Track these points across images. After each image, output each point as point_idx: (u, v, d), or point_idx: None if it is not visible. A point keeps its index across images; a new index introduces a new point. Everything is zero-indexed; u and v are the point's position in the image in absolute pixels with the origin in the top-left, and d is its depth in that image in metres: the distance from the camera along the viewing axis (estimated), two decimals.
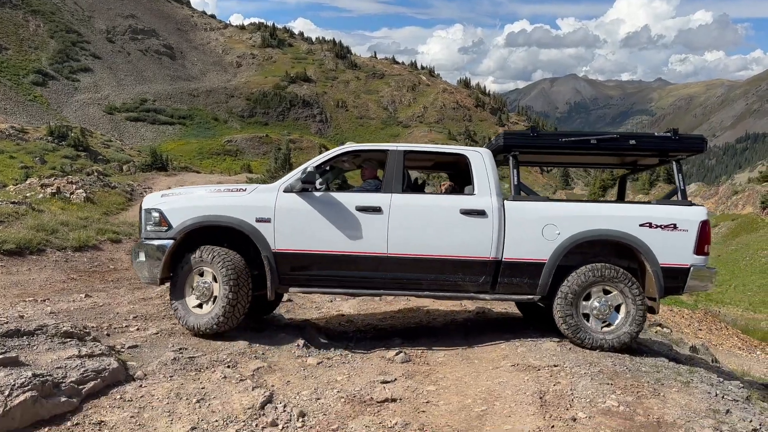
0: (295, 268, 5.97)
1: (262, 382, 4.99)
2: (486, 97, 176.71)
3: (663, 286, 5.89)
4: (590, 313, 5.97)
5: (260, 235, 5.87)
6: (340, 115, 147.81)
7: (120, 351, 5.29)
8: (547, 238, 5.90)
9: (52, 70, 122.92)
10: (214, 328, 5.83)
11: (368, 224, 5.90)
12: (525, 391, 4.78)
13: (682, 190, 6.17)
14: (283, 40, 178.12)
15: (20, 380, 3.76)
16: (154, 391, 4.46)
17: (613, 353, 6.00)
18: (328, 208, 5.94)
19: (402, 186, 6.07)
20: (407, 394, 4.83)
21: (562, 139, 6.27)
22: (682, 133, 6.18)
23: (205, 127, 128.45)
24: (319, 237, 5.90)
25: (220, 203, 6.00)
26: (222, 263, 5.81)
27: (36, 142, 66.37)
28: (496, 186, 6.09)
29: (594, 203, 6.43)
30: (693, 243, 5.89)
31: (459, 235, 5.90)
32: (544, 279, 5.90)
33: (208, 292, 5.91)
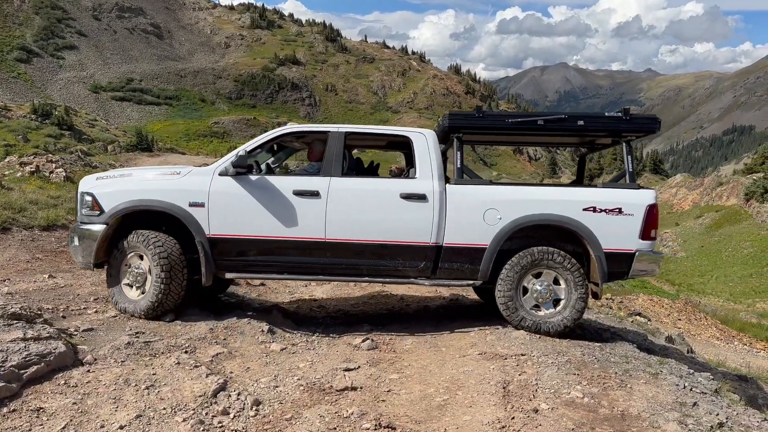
0: (230, 254, 5.85)
1: (219, 368, 4.82)
2: (476, 84, 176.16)
3: (606, 272, 5.81)
4: (531, 297, 5.90)
5: (194, 220, 5.76)
6: (329, 99, 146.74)
7: (73, 334, 5.10)
8: (489, 222, 5.81)
9: (36, 47, 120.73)
10: (149, 314, 5.75)
11: (305, 209, 5.80)
12: (489, 381, 4.66)
13: (631, 173, 6.04)
14: (273, 22, 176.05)
15: None
16: (102, 377, 4.28)
17: (583, 342, 5.91)
18: (265, 192, 5.82)
19: (342, 169, 5.94)
20: (369, 382, 4.70)
21: (509, 120, 6.14)
22: (634, 113, 6.07)
23: (192, 108, 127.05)
24: (255, 222, 5.79)
25: (152, 187, 5.88)
26: (154, 248, 5.71)
27: (19, 120, 65.20)
28: (439, 169, 5.96)
29: (538, 187, 6.28)
30: (639, 228, 5.80)
31: (399, 220, 5.79)
32: (485, 264, 5.82)
33: (141, 277, 5.82)
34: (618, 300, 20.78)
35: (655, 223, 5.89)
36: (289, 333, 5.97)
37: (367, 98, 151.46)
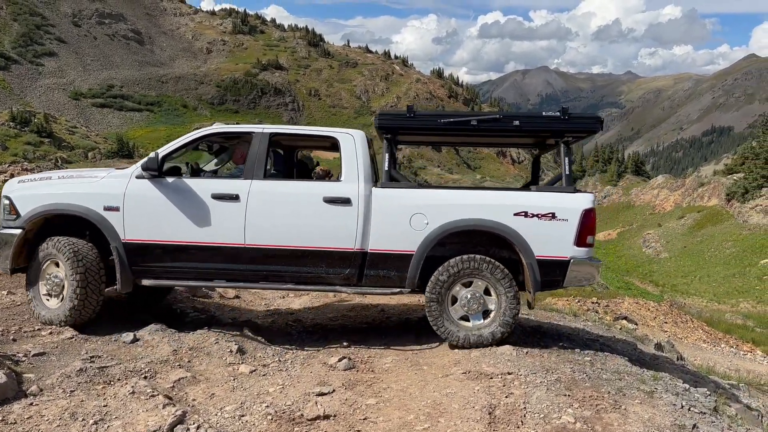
0: (147, 260, 5.60)
1: (180, 396, 4.43)
2: (459, 88, 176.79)
3: (539, 280, 5.46)
4: (460, 308, 5.55)
5: (108, 225, 5.54)
6: (312, 104, 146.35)
7: (20, 360, 4.67)
8: (415, 228, 5.48)
9: (15, 54, 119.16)
10: (68, 321, 5.55)
11: (224, 213, 5.53)
12: (474, 405, 4.31)
13: (567, 176, 5.65)
14: (255, 27, 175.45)
15: None
16: (46, 411, 3.87)
17: (573, 357, 5.59)
18: (183, 195, 5.57)
19: (264, 172, 5.66)
20: (343, 409, 4.32)
21: (441, 120, 5.81)
22: (574, 112, 5.70)
23: (174, 114, 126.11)
24: (173, 227, 5.55)
25: (68, 191, 5.68)
26: (68, 254, 5.49)
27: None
28: (366, 171, 5.64)
29: (469, 190, 5.88)
30: (573, 234, 5.44)
31: (322, 225, 5.52)
32: (411, 271, 5.48)
33: (59, 285, 5.62)
34: (604, 303, 20.58)
35: (591, 229, 5.53)
36: (260, 352, 5.57)
37: (350, 103, 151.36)
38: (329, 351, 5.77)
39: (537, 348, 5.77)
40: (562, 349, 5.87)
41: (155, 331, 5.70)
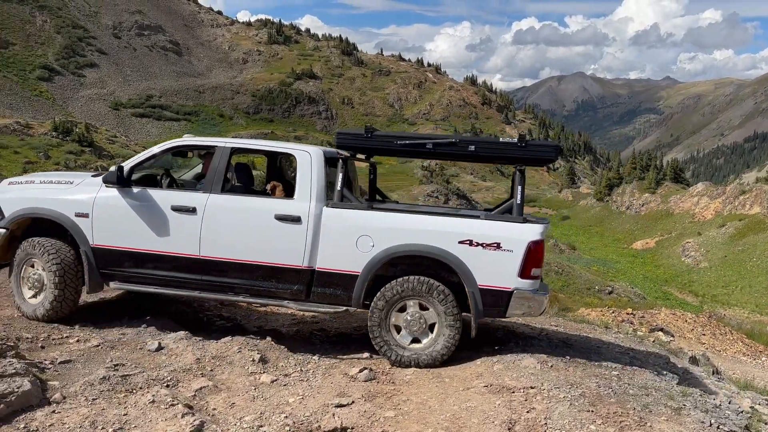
0: (113, 265, 5.91)
1: (201, 405, 4.46)
2: (492, 95, 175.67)
3: (481, 309, 5.43)
4: (402, 328, 5.56)
5: (79, 230, 5.88)
6: (345, 112, 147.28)
7: (46, 368, 4.77)
8: (361, 249, 5.53)
9: (58, 66, 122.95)
10: (48, 316, 5.92)
11: (182, 225, 5.76)
12: (494, 420, 4.24)
13: (518, 205, 5.56)
14: (290, 37, 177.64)
15: None
16: (67, 419, 3.94)
17: (599, 371, 5.47)
18: (145, 206, 5.84)
19: (222, 185, 5.84)
20: (362, 421, 4.30)
21: (397, 142, 5.88)
22: (534, 141, 5.75)
23: (210, 123, 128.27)
24: (135, 235, 5.82)
25: (46, 195, 6.05)
26: (47, 254, 5.85)
27: (40, 137, 66.12)
28: (319, 190, 5.71)
29: (418, 215, 5.82)
30: (518, 265, 5.35)
31: (272, 241, 5.64)
32: (357, 292, 5.56)
33: (39, 282, 5.95)
34: (639, 314, 20.10)
35: (537, 262, 5.42)
36: (282, 362, 5.59)
37: (383, 111, 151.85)
38: (351, 361, 5.75)
39: (562, 362, 5.66)
40: (588, 363, 5.74)
41: (180, 339, 5.77)
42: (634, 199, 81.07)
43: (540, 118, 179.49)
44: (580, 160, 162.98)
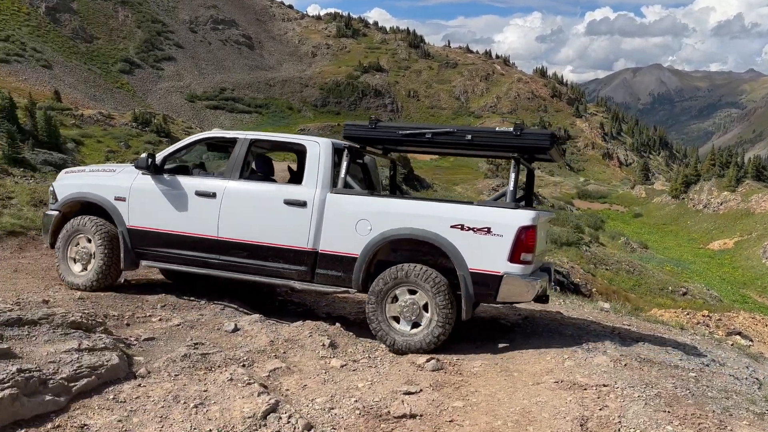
0: (144, 244, 6.48)
1: (275, 385, 4.61)
2: (563, 87, 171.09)
3: (472, 293, 5.55)
4: (398, 313, 5.74)
5: (117, 212, 6.53)
6: (411, 105, 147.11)
7: (132, 344, 5.05)
8: (360, 233, 5.83)
9: (138, 59, 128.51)
10: (94, 285, 6.53)
11: (203, 208, 6.27)
12: (565, 415, 4.18)
13: (511, 191, 5.76)
14: (358, 30, 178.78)
15: (1, 376, 3.52)
16: (152, 392, 4.16)
17: (675, 372, 5.29)
18: (173, 191, 6.41)
19: (240, 173, 6.31)
20: (430, 409, 4.33)
21: (400, 132, 6.13)
22: (530, 129, 5.83)
23: (280, 116, 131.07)
24: (163, 217, 6.40)
25: (91, 182, 6.81)
26: (95, 229, 6.55)
27: (121, 127, 69.47)
28: (324, 178, 6.06)
29: (414, 201, 6.13)
30: (508, 250, 5.46)
31: (281, 224, 6.03)
32: (356, 273, 5.84)
33: (87, 255, 6.63)
34: (716, 317, 19.21)
35: (527, 247, 5.48)
36: (351, 348, 5.70)
37: (449, 103, 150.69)
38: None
39: (636, 361, 5.50)
40: (663, 363, 5.56)
41: (254, 321, 5.98)
42: (713, 197, 77.29)
43: (613, 111, 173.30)
44: (654, 155, 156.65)
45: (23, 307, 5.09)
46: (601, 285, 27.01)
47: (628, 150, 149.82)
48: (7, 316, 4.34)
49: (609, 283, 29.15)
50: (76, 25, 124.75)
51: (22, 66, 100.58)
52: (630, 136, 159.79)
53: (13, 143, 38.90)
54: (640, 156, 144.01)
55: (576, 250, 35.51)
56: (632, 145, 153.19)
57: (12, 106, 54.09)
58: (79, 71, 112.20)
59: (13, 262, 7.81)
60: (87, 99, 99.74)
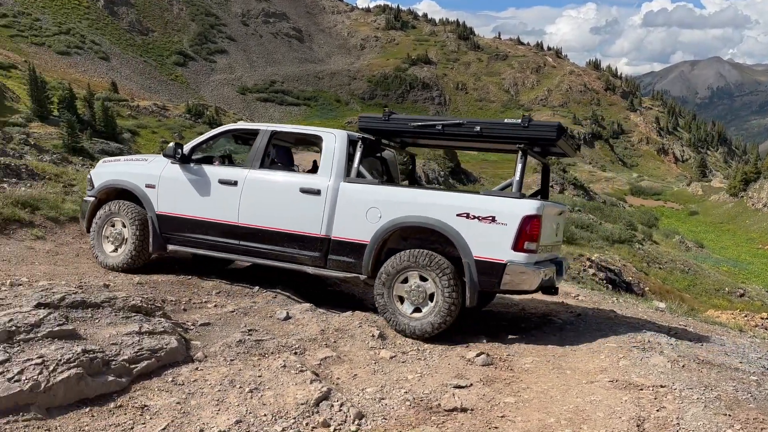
0: (172, 229, 6.79)
1: (326, 373, 4.67)
2: (617, 80, 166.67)
3: (476, 280, 5.64)
4: (404, 297, 5.85)
5: (147, 199, 6.88)
6: (459, 98, 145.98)
7: (189, 329, 5.19)
8: (370, 220, 6.00)
9: (191, 52, 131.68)
10: (127, 266, 6.87)
11: (225, 195, 6.55)
12: (621, 415, 4.09)
13: (518, 182, 5.83)
14: (407, 22, 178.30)
15: (68, 356, 3.68)
16: (209, 376, 4.27)
17: (736, 375, 5.10)
18: (198, 179, 6.72)
19: (261, 163, 6.58)
20: (481, 404, 4.30)
21: (411, 124, 6.33)
22: (537, 121, 5.92)
23: (328, 108, 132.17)
24: (189, 204, 6.70)
25: (125, 170, 7.19)
26: (129, 213, 6.91)
27: (175, 118, 71.47)
28: (339, 168, 6.26)
29: (422, 190, 6.30)
30: (511, 238, 5.54)
31: (296, 211, 6.26)
32: (365, 259, 6.00)
33: (119, 237, 6.98)
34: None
35: (531, 236, 5.57)
36: (400, 339, 5.71)
37: (498, 96, 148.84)
38: (467, 345, 5.76)
39: (694, 362, 5.33)
40: (723, 366, 5.37)
41: (305, 310, 6.06)
42: None
43: (669, 105, 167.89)
44: (712, 151, 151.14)
45: (86, 290, 5.30)
46: (654, 284, 26.27)
47: (685, 146, 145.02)
48: (72, 298, 4.52)
49: (662, 283, 28.32)
50: (133, 18, 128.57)
51: (82, 58, 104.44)
52: (687, 131, 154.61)
53: (73, 133, 40.52)
54: (697, 152, 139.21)
55: (628, 248, 34.59)
56: (689, 141, 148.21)
57: (72, 97, 56.30)
58: (135, 63, 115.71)
59: (75, 247, 8.10)
60: (142, 90, 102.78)
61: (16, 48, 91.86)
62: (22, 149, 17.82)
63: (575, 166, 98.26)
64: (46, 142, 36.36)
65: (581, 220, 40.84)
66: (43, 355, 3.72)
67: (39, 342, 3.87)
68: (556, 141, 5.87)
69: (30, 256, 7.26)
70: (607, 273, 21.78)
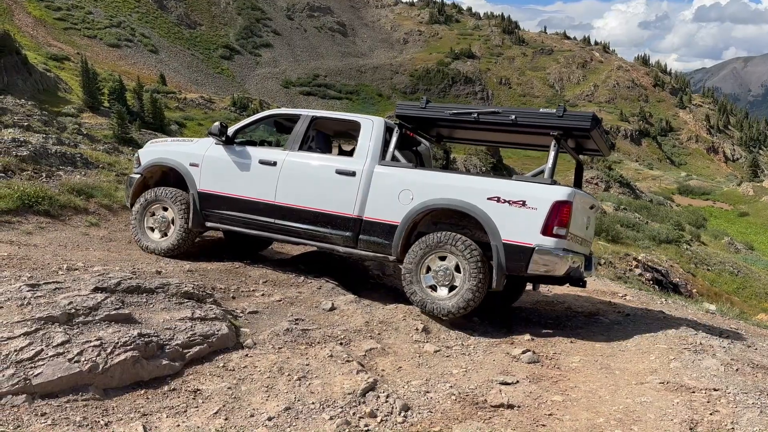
0: (211, 206, 6.98)
1: (371, 365, 4.70)
2: (666, 76, 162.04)
3: (503, 263, 5.67)
4: (432, 278, 5.94)
5: (191, 177, 7.10)
6: (502, 93, 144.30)
7: (238, 316, 5.29)
8: (402, 202, 6.11)
9: (237, 45, 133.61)
10: (174, 250, 7.09)
11: (265, 175, 6.74)
12: (672, 417, 4.00)
13: (550, 168, 5.91)
14: (451, 16, 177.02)
15: (124, 339, 3.80)
16: (258, 363, 4.34)
17: None
18: (240, 159, 6.94)
19: (300, 145, 6.80)
20: (528, 401, 4.26)
21: (448, 111, 6.43)
22: (572, 111, 6.00)
23: (369, 102, 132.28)
24: (229, 182, 6.90)
25: (171, 149, 7.43)
26: (176, 199, 7.13)
27: (221, 111, 72.80)
28: (375, 151, 6.42)
29: (453, 174, 6.49)
30: (541, 222, 5.58)
31: (331, 192, 6.41)
32: (395, 240, 6.09)
33: (165, 224, 7.21)
34: None
35: (561, 221, 5.59)
36: (444, 334, 5.71)
37: (542, 91, 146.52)
38: (512, 342, 5.72)
39: (748, 366, 5.17)
40: None
41: (350, 302, 6.11)
42: None
43: (720, 102, 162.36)
44: (765, 151, 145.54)
45: (140, 276, 5.45)
46: (702, 286, 25.51)
47: (736, 144, 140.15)
48: (127, 283, 4.67)
49: (711, 285, 27.48)
50: (181, 12, 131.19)
51: (131, 51, 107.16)
52: (738, 129, 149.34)
53: (123, 123, 41.67)
54: (749, 151, 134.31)
55: (676, 249, 33.69)
56: (740, 140, 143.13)
57: (122, 89, 57.93)
58: (182, 56, 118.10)
59: (126, 234, 8.33)
60: (189, 83, 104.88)
61: (69, 40, 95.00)
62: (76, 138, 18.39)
63: (621, 163, 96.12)
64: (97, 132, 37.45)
65: (627, 218, 39.96)
66: (101, 338, 3.85)
67: (97, 325, 4.01)
68: (590, 131, 5.86)
69: (85, 242, 7.51)
70: (653, 273, 21.26)
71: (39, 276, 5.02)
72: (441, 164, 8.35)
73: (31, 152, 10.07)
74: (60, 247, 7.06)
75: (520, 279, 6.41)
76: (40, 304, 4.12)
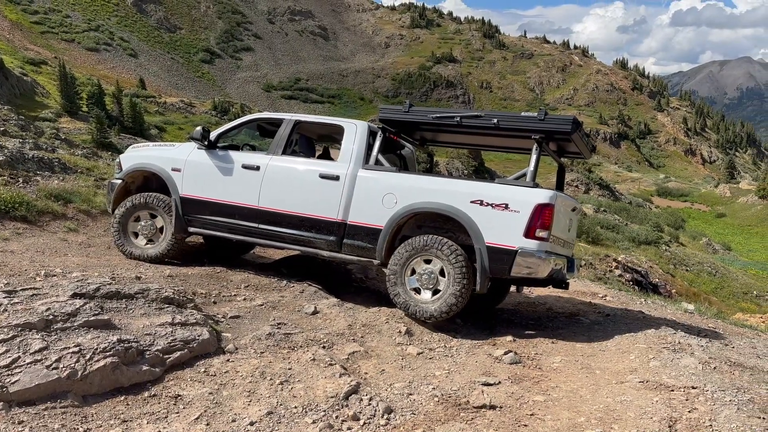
0: (194, 212, 6.94)
1: (354, 368, 4.70)
2: (644, 80, 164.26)
3: (487, 266, 5.71)
4: (416, 281, 5.96)
5: (173, 182, 7.03)
6: (483, 96, 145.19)
7: (219, 321, 5.25)
8: (386, 206, 6.12)
9: (218, 49, 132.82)
10: (162, 256, 7.03)
11: (247, 180, 6.72)
12: (651, 416, 4.04)
13: (532, 171, 5.96)
14: (432, 20, 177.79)
15: (103, 345, 3.76)
16: (240, 368, 4.32)
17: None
18: (223, 163, 6.91)
19: (284, 150, 6.78)
20: (510, 401, 4.29)
21: (431, 115, 6.45)
22: (553, 115, 6.01)
23: (351, 106, 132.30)
24: (211, 187, 6.88)
25: (152, 154, 7.38)
26: (164, 206, 7.07)
27: (202, 115, 72.30)
28: (358, 156, 6.42)
29: (437, 178, 6.48)
30: (523, 225, 5.63)
31: (314, 196, 6.41)
32: (380, 244, 6.10)
33: (153, 228, 7.15)
34: None
35: (543, 224, 5.64)
36: (427, 336, 5.72)
37: (522, 95, 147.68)
38: (495, 343, 5.75)
39: (726, 364, 5.25)
40: (755, 368, 5.28)
41: (333, 305, 6.10)
42: None
43: (697, 105, 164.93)
44: (741, 153, 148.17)
45: (119, 281, 5.39)
46: (681, 286, 25.87)
47: (713, 147, 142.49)
48: (107, 289, 4.62)
49: (689, 285, 27.88)
50: (161, 16, 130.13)
51: (110, 54, 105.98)
52: (715, 132, 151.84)
53: (101, 128, 41.14)
54: (726, 153, 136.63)
55: (655, 250, 34.13)
56: (717, 142, 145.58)
57: (100, 93, 57.24)
58: (162, 60, 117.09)
59: (106, 239, 8.24)
60: (170, 87, 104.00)
61: (46, 44, 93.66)
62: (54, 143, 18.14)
63: (601, 166, 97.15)
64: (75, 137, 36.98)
65: (607, 220, 40.37)
66: (80, 344, 3.81)
67: (75, 331, 3.96)
68: (571, 134, 5.93)
69: (63, 248, 7.40)
70: (633, 274, 21.52)
71: (16, 282, 4.95)
72: (424, 168, 8.35)
73: (7, 157, 9.91)
74: (38, 253, 6.95)
75: (504, 281, 6.46)
76: (17, 310, 4.06)
